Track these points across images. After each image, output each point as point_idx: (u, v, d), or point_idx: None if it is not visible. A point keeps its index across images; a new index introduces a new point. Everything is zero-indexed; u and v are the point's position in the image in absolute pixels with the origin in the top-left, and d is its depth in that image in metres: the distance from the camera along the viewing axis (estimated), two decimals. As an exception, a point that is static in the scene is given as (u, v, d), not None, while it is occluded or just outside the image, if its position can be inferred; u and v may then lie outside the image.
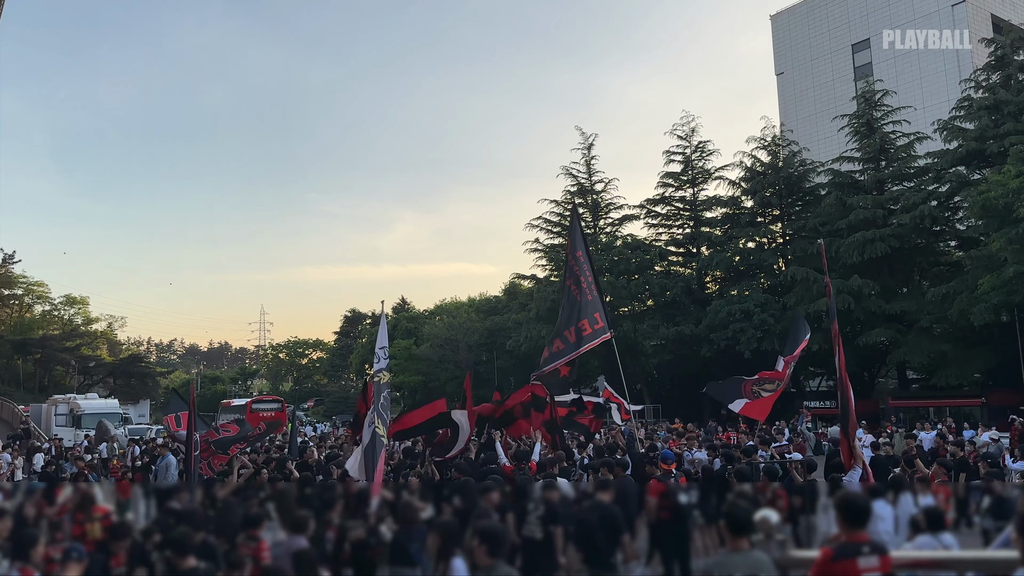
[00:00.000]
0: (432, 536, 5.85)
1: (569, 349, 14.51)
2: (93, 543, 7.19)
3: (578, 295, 14.87)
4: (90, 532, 7.40)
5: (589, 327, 14.54)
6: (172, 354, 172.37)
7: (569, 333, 14.56)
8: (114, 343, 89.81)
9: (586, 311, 14.62)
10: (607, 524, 7.39)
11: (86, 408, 43.22)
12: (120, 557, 6.61)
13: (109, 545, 6.68)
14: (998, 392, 34.13)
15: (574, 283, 15.11)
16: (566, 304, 15.26)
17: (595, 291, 14.99)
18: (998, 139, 36.25)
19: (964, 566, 4.96)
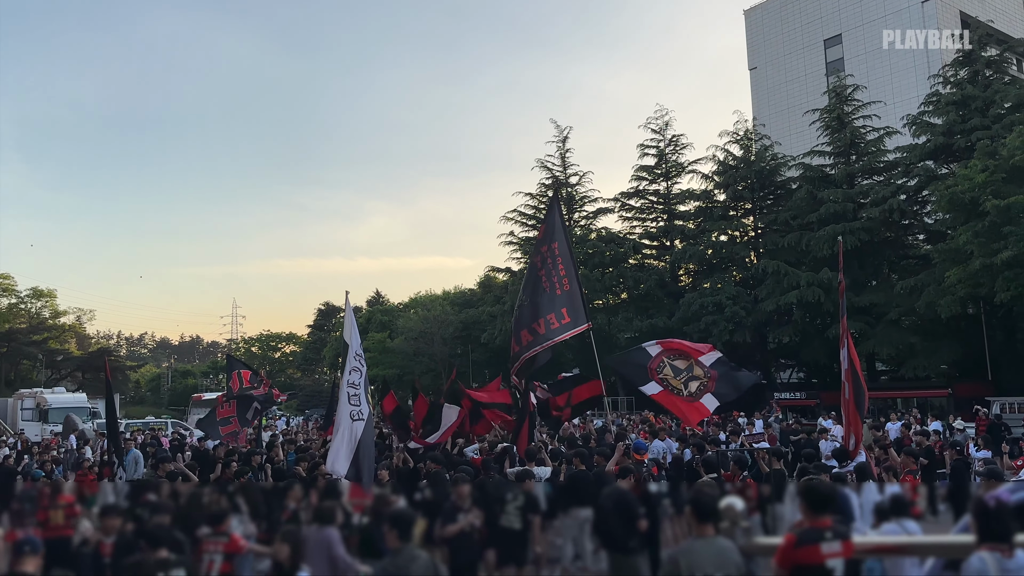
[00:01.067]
0: (279, 545, 5.79)
1: (537, 341, 14.41)
2: (55, 530, 7.25)
3: (547, 288, 14.70)
4: (53, 519, 7.49)
5: (556, 321, 14.42)
6: (143, 348, 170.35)
7: (538, 325, 14.42)
8: (83, 337, 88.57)
9: (553, 306, 14.45)
10: (623, 510, 7.45)
11: (53, 402, 42.57)
12: (106, 547, 6.53)
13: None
14: (964, 383, 34.70)
15: (545, 276, 14.88)
16: (533, 296, 14.95)
17: (567, 285, 14.74)
18: (965, 134, 36.80)
19: (925, 551, 5.02)
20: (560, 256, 14.93)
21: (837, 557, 4.73)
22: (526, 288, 15.03)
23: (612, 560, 7.03)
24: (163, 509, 6.62)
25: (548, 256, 14.97)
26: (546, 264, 14.84)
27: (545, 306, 14.37)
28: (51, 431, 37.33)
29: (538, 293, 14.70)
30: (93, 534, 6.52)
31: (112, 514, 6.59)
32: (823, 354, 40.96)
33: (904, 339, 36.11)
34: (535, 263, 15.17)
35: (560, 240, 15.09)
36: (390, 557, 5.28)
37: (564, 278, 14.70)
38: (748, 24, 79.30)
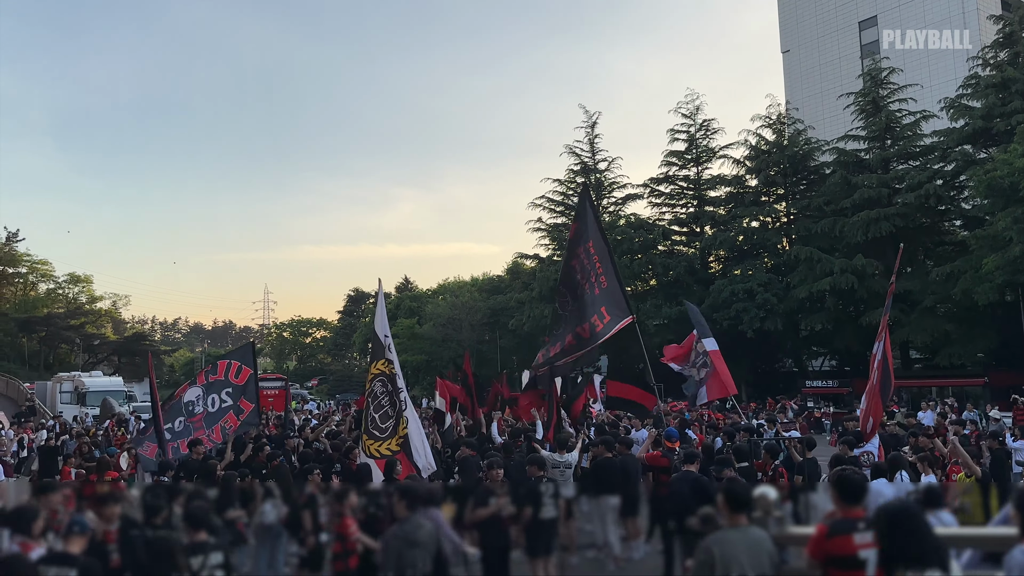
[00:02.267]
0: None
1: (582, 345, 14.26)
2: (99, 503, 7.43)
3: (587, 289, 14.52)
4: (100, 491, 7.67)
5: (600, 322, 14.28)
6: (176, 332, 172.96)
7: (582, 330, 14.27)
8: (118, 321, 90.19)
9: (594, 307, 14.31)
10: (699, 493, 7.47)
11: (90, 386, 43.44)
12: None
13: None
14: (1001, 372, 34.11)
15: (583, 278, 14.70)
16: (574, 301, 14.77)
17: (604, 282, 14.54)
18: (1005, 117, 35.98)
19: (964, 543, 4.95)
20: (596, 253, 14.65)
21: (870, 548, 4.67)
22: (566, 291, 14.83)
23: (686, 541, 7.10)
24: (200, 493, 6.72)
25: (584, 257, 14.72)
26: (583, 267, 14.60)
27: (588, 309, 14.22)
28: (89, 414, 38.13)
29: (578, 297, 14.57)
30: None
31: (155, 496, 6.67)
32: (856, 341, 40.42)
33: (939, 327, 35.55)
34: (572, 267, 14.93)
35: (595, 238, 14.82)
36: (399, 524, 5.81)
37: (602, 275, 14.47)
38: (781, 6, 78.08)
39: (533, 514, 7.83)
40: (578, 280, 14.63)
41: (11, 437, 20.55)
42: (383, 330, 10.93)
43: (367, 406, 10.57)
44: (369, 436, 10.33)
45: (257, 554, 7.22)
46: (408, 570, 5.61)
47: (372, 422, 10.44)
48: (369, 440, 10.35)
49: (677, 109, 49.04)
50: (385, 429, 10.40)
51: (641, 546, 9.18)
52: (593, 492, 9.51)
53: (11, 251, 75.61)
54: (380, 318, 11.08)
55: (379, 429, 10.41)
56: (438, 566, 5.92)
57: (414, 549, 5.63)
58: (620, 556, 9.01)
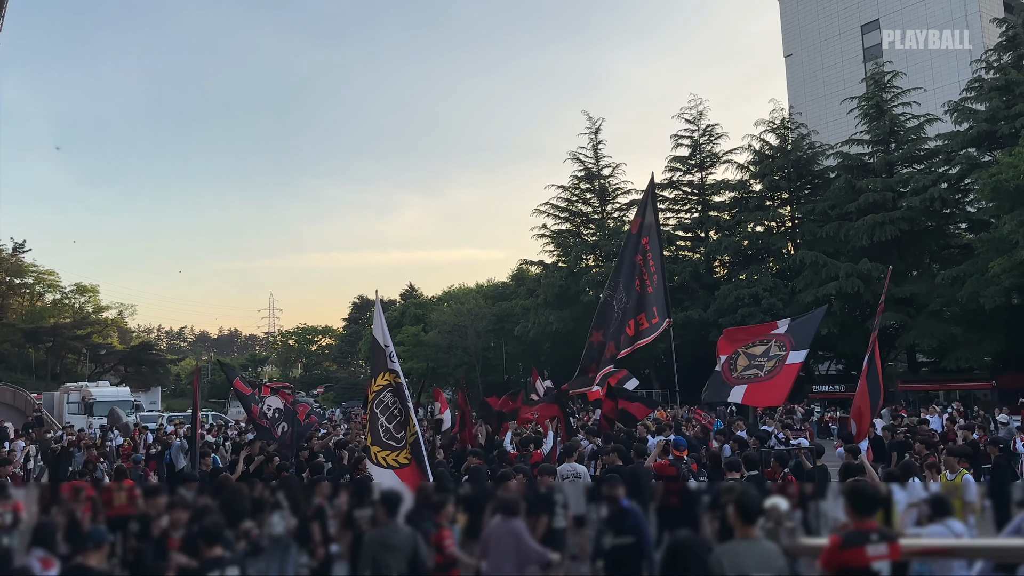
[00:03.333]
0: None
1: (628, 342, 14.23)
2: (118, 510, 7.53)
3: (638, 287, 14.51)
4: (117, 500, 7.75)
5: (646, 321, 14.27)
6: (182, 341, 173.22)
7: (629, 328, 14.24)
8: (124, 331, 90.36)
9: (644, 306, 14.30)
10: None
11: (98, 396, 43.55)
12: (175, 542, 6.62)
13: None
14: (1009, 375, 33.98)
15: (637, 275, 14.71)
16: (628, 296, 14.70)
17: (656, 282, 14.55)
18: (1009, 120, 35.92)
19: (974, 554, 4.94)
20: (651, 251, 14.67)
21: (883, 560, 4.67)
22: (619, 287, 14.73)
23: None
24: (211, 508, 6.71)
25: (648, 252, 14.69)
26: (646, 262, 14.55)
27: (636, 307, 14.22)
28: (96, 425, 38.20)
29: (631, 293, 14.49)
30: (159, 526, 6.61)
31: (180, 507, 6.68)
32: (863, 346, 39.99)
33: (946, 330, 35.44)
34: (635, 261, 14.84)
35: (652, 236, 14.80)
36: (377, 529, 6.11)
37: (655, 274, 14.48)
38: (783, 10, 78.14)
39: (549, 523, 7.82)
40: (638, 274, 14.62)
41: (22, 447, 20.58)
42: (384, 340, 10.89)
43: (375, 417, 10.52)
44: (383, 448, 10.30)
45: (266, 566, 7.23)
46: (383, 571, 5.85)
47: (387, 433, 10.40)
48: (384, 451, 10.31)
49: (681, 114, 49.15)
50: (400, 439, 10.38)
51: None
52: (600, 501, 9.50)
53: (18, 262, 75.87)
54: (380, 328, 11.03)
55: (395, 439, 10.37)
56: (414, 569, 5.99)
57: (389, 552, 5.86)
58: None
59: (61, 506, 6.92)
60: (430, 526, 7.12)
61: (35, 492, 8.07)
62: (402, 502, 6.41)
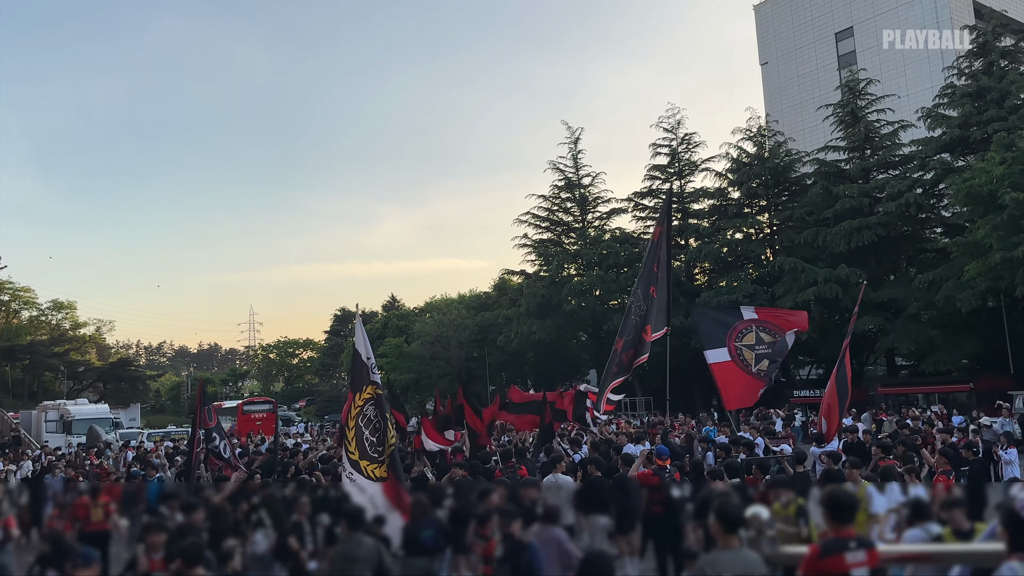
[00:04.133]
0: None
1: (644, 349, 14.66)
2: (97, 525, 7.62)
3: (654, 294, 14.97)
4: (94, 515, 7.84)
5: (650, 332, 14.72)
6: (162, 356, 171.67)
7: (645, 334, 14.70)
8: (103, 347, 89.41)
9: (649, 316, 14.79)
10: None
11: (76, 414, 43.00)
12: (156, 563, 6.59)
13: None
14: (986, 377, 34.40)
15: (654, 283, 15.15)
16: (646, 302, 15.12)
17: (662, 291, 15.05)
18: (981, 126, 36.51)
19: (951, 559, 5.01)
20: (659, 260, 15.17)
21: (862, 567, 4.73)
22: (639, 293, 15.16)
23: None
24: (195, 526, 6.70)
25: (662, 260, 15.17)
26: (661, 269, 15.08)
27: (651, 313, 14.65)
28: (75, 443, 37.73)
29: (648, 299, 14.91)
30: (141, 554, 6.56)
31: (156, 530, 6.64)
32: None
33: (924, 333, 35.85)
34: (652, 270, 15.26)
35: (663, 245, 15.33)
36: (342, 543, 6.39)
37: (661, 284, 14.90)
38: (758, 19, 79.01)
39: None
40: (654, 282, 15.09)
41: (1, 467, 20.32)
42: (366, 353, 10.93)
43: (361, 431, 10.53)
44: (371, 461, 10.33)
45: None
46: None
47: (371, 445, 10.44)
48: (372, 465, 10.34)
49: (659, 123, 49.49)
50: (381, 452, 10.42)
51: (637, 563, 9.19)
52: (583, 511, 9.53)
53: (-7, 279, 74.98)
54: (362, 342, 11.06)
55: (378, 452, 10.42)
56: None
57: (355, 565, 6.14)
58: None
59: (43, 528, 6.89)
60: (431, 535, 7.21)
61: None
62: (365, 516, 6.76)
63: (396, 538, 7.52)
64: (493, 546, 6.65)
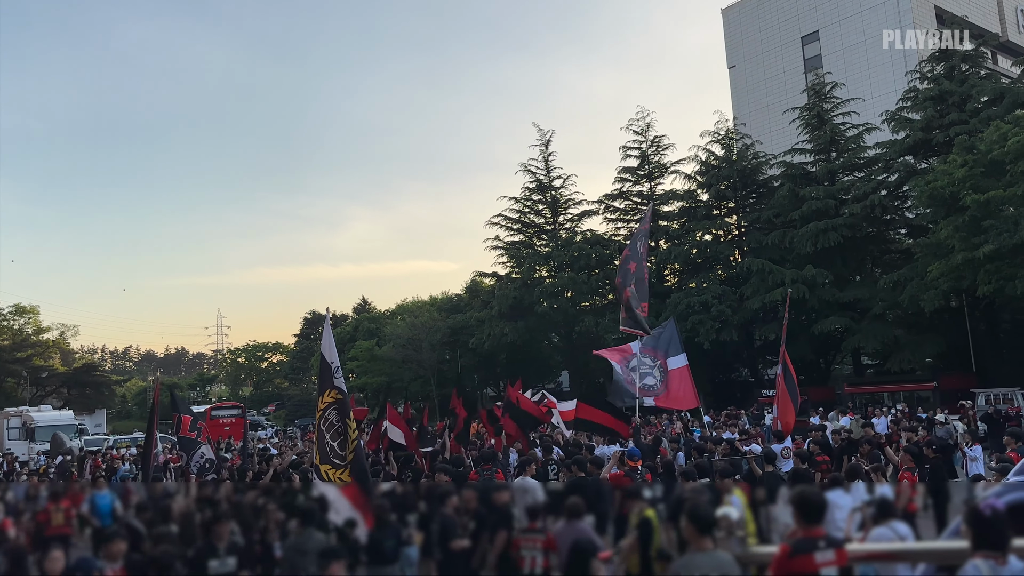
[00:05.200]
0: None
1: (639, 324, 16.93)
2: (56, 529, 7.65)
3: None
4: (54, 520, 8.02)
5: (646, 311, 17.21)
6: (128, 361, 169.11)
7: (641, 310, 16.95)
8: (67, 352, 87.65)
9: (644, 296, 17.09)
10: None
11: (40, 420, 42.19)
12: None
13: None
14: (949, 376, 35.08)
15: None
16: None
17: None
18: (943, 129, 37.20)
19: (918, 557, 5.11)
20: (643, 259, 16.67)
21: (831, 566, 4.81)
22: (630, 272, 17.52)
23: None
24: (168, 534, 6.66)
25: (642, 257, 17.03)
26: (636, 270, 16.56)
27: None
28: (38, 450, 37.05)
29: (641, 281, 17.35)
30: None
31: (117, 539, 6.57)
32: (809, 350, 41.21)
33: (888, 333, 36.44)
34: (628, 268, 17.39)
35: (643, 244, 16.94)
36: (294, 538, 6.78)
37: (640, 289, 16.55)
38: (726, 22, 79.77)
39: (508, 537, 7.85)
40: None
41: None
42: (331, 357, 10.87)
43: (323, 435, 10.48)
44: (332, 466, 10.25)
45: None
46: (300, 572, 6.48)
47: (332, 450, 10.37)
48: (332, 469, 10.26)
49: (629, 126, 49.78)
50: (344, 456, 10.36)
51: (610, 566, 9.24)
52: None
53: (-48, 284, 73.25)
54: (328, 345, 11.00)
55: (339, 457, 10.35)
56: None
57: (305, 557, 6.44)
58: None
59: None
60: (393, 544, 7.23)
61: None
62: (315, 514, 7.12)
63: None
64: (552, 538, 6.74)
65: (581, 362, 49.11)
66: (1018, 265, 28.28)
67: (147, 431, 14.94)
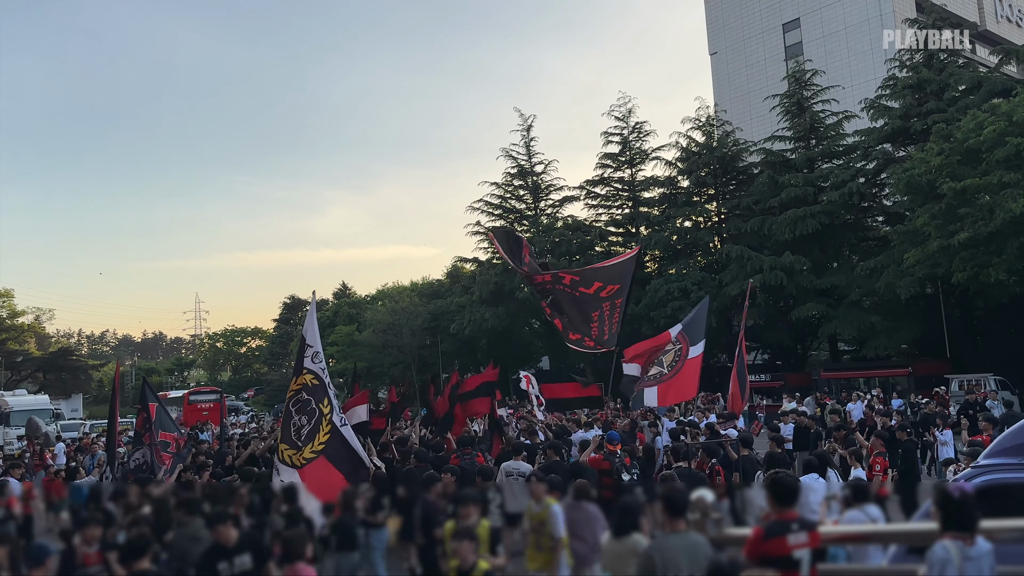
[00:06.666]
0: None
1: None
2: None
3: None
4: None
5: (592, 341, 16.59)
6: (105, 346, 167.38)
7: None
8: (42, 336, 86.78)
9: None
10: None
11: (14, 405, 41.77)
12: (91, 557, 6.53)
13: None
14: (924, 362, 35.54)
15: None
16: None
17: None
18: (921, 117, 37.49)
19: (888, 538, 5.18)
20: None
21: (804, 548, 4.87)
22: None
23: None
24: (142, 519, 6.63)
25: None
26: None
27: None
28: (13, 435, 36.68)
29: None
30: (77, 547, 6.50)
31: (92, 523, 6.56)
32: (786, 336, 41.56)
33: (865, 320, 36.82)
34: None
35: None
36: (183, 527, 6.97)
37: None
38: (708, 8, 79.77)
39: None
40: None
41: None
42: (311, 339, 10.80)
43: (290, 415, 10.45)
44: (290, 446, 10.21)
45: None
46: (188, 557, 6.59)
47: (297, 432, 10.34)
48: (290, 450, 10.21)
49: (610, 112, 49.77)
50: (305, 438, 10.31)
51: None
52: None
53: (-76, 266, 72.08)
54: (310, 329, 10.93)
55: (299, 437, 10.31)
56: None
57: (198, 544, 6.52)
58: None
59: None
60: (356, 529, 7.20)
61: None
62: (200, 505, 7.27)
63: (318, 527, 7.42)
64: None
65: (561, 347, 49.23)
66: (992, 253, 28.62)
67: (109, 416, 14.77)
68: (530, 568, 7.10)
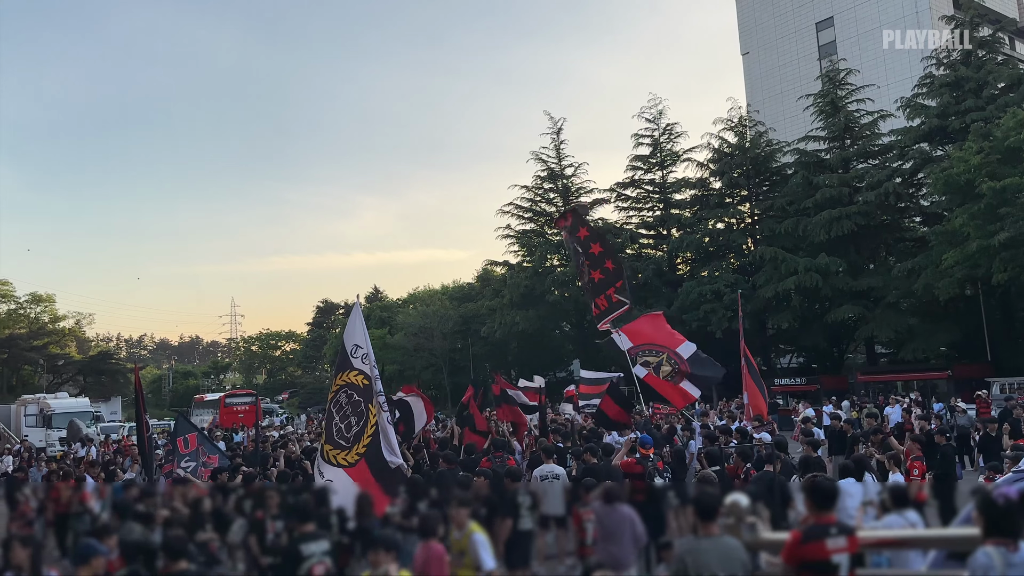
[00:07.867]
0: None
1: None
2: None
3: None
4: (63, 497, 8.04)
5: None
6: (142, 349, 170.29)
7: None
8: (82, 340, 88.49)
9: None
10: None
11: (56, 408, 42.58)
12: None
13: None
14: (964, 365, 34.85)
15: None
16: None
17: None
18: (959, 115, 36.83)
19: (928, 544, 5.09)
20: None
21: (843, 552, 4.80)
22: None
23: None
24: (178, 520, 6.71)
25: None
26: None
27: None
28: (55, 437, 37.47)
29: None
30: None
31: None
32: (822, 338, 40.99)
33: (903, 322, 36.22)
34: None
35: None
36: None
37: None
38: (740, 8, 79.15)
39: (513, 526, 7.87)
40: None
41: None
42: (352, 341, 10.89)
43: (331, 416, 10.53)
44: (334, 446, 10.29)
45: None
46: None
47: (338, 432, 10.41)
48: (335, 450, 10.30)
49: (641, 114, 49.55)
50: (350, 438, 10.38)
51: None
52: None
53: (-31, 273, 73.92)
54: (350, 330, 11.05)
55: (344, 439, 10.37)
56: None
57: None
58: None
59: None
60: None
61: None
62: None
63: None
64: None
65: (592, 350, 49.09)
66: (1034, 253, 28.03)
67: (136, 418, 14.97)
68: None
